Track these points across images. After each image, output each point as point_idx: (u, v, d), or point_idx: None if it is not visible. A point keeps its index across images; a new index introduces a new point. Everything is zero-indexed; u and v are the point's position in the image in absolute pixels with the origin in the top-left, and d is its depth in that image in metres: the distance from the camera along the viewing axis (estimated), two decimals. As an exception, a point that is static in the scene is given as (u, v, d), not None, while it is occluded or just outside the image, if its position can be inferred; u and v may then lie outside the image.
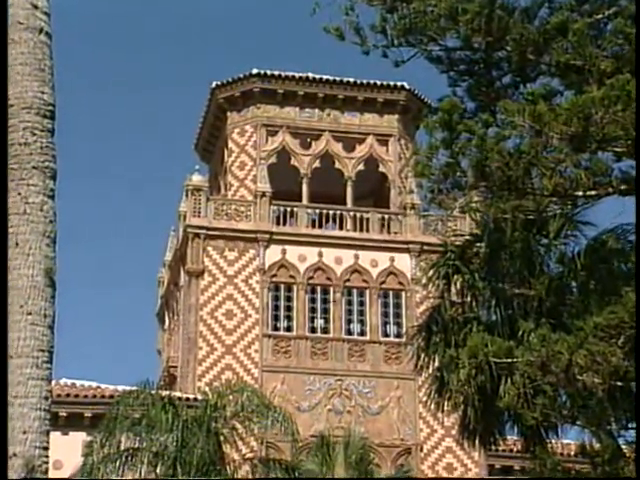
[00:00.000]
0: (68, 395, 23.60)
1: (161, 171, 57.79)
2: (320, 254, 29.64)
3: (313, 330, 29.11)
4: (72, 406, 23.28)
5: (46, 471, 6.56)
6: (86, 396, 23.81)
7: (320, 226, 30.24)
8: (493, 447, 15.87)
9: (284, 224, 30.13)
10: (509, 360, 11.57)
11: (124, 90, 55.81)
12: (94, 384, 24.63)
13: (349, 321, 29.37)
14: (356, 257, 29.76)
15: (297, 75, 31.32)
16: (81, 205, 52.20)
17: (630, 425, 12.28)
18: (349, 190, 31.23)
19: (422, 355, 15.78)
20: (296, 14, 50.65)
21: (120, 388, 22.35)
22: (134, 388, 19.11)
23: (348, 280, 29.66)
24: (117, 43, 55.88)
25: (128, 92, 55.61)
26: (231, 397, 19.15)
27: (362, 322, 29.39)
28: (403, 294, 29.73)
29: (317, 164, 31.39)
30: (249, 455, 22.49)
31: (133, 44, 56.22)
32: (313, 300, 29.42)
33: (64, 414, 22.87)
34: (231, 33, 55.73)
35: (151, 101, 56.54)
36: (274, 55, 49.91)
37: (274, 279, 29.36)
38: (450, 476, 27.91)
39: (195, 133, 33.97)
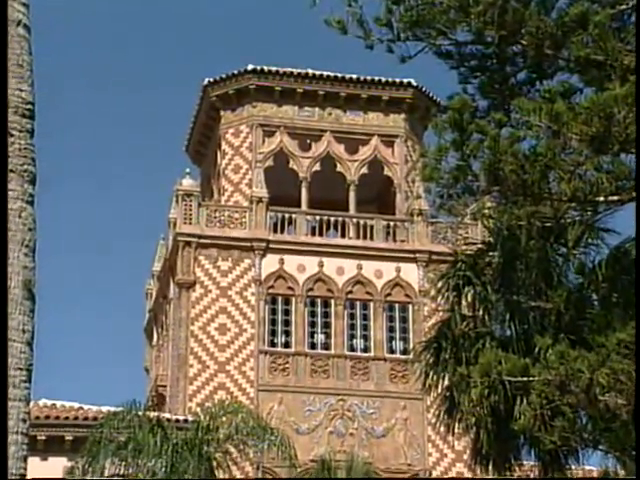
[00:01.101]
0: (48, 417, 23.54)
1: (149, 175, 57.86)
2: (320, 264, 29.65)
3: (313, 346, 29.09)
4: (52, 429, 23.23)
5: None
6: (67, 418, 23.75)
7: (320, 234, 30.25)
8: (508, 473, 15.79)
9: (282, 232, 30.14)
10: (525, 379, 11.56)
11: (109, 89, 55.89)
12: (76, 405, 24.57)
13: (352, 336, 29.35)
14: (359, 267, 29.77)
15: (296, 71, 31.36)
16: (62, 211, 52.23)
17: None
18: (352, 195, 31.25)
19: (431, 373, 15.75)
20: (295, 6, 50.77)
21: (104, 409, 22.31)
22: (119, 409, 19.07)
23: (351, 292, 29.65)
24: (101, 39, 55.99)
25: (113, 91, 55.70)
26: (224, 418, 19.11)
27: (366, 337, 29.38)
28: (410, 307, 29.72)
29: (317, 167, 31.42)
30: (244, 481, 22.39)
31: (119, 40, 56.37)
32: (313, 314, 29.41)
33: (43, 437, 22.82)
34: (225, 27, 55.90)
35: (138, 100, 56.65)
36: (271, 50, 50.04)
37: (271, 291, 29.35)
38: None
39: (186, 134, 34.02)
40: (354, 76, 31.58)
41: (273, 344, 28.97)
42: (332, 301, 29.52)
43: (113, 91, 55.93)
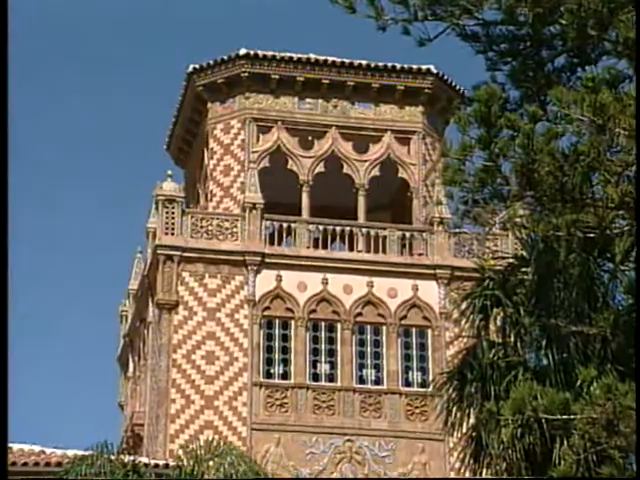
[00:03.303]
0: (5, 461, 23.43)
1: (124, 177, 57.88)
2: (324, 281, 29.63)
3: (316, 377, 29.07)
4: (9, 477, 23.11)
5: None
6: (26, 464, 23.62)
7: (324, 246, 30.26)
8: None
9: (279, 244, 30.15)
10: (565, 417, 11.51)
11: (77, 76, 55.98)
12: (36, 448, 24.48)
13: (361, 366, 29.33)
14: (370, 285, 29.75)
15: (296, 57, 31.43)
16: (22, 222, 52.27)
17: None
18: (361, 201, 31.26)
19: (454, 410, 15.70)
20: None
21: (70, 453, 22.22)
22: (88, 453, 19.01)
23: (360, 314, 29.63)
24: (71, 20, 56.16)
25: (83, 77, 55.78)
26: (212, 463, 19.05)
27: (378, 367, 29.34)
28: (429, 332, 29.68)
29: (321, 168, 31.45)
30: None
31: (90, 19, 56.52)
32: (316, 339, 29.40)
33: (0, 485, 22.71)
34: (213, 5, 56.07)
35: (111, 89, 56.72)
36: (267, 32, 50.11)
37: (267, 313, 29.35)
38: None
39: (167, 130, 34.06)
40: (364, 62, 31.62)
41: (269, 375, 28.94)
42: (338, 325, 29.50)
43: (82, 78, 56.01)
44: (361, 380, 29.21)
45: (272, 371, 29.03)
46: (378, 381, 29.26)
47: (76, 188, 56.19)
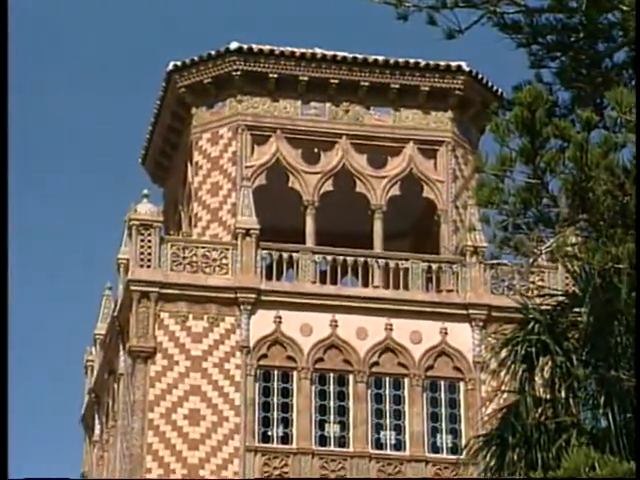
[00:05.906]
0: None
1: (90, 197, 57.99)
2: (334, 324, 29.60)
3: (323, 441, 29.02)
4: None
5: None
6: None
7: (334, 281, 30.23)
8: None
9: (278, 278, 30.13)
10: (629, 490, 11.45)
11: (40, 75, 56.24)
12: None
13: (378, 427, 29.27)
14: (389, 328, 29.71)
15: (298, 52, 31.54)
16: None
17: None
18: (378, 226, 31.28)
19: (492, 481, 15.65)
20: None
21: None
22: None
23: (377, 364, 29.60)
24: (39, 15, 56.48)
25: (46, 78, 56.06)
26: None
27: (398, 429, 29.28)
28: (461, 386, 29.63)
29: (329, 186, 31.48)
30: None
31: (58, 9, 56.90)
32: (323, 394, 29.36)
33: None
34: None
35: (76, 92, 57.02)
36: (263, 23, 50.39)
37: (263, 362, 29.33)
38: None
39: (143, 140, 34.15)
40: (380, 58, 31.72)
41: (266, 438, 28.90)
42: (350, 376, 29.46)
43: (45, 78, 56.25)
44: (378, 444, 29.14)
45: (270, 433, 28.98)
46: (399, 446, 29.19)
47: (36, 211, 56.31)
